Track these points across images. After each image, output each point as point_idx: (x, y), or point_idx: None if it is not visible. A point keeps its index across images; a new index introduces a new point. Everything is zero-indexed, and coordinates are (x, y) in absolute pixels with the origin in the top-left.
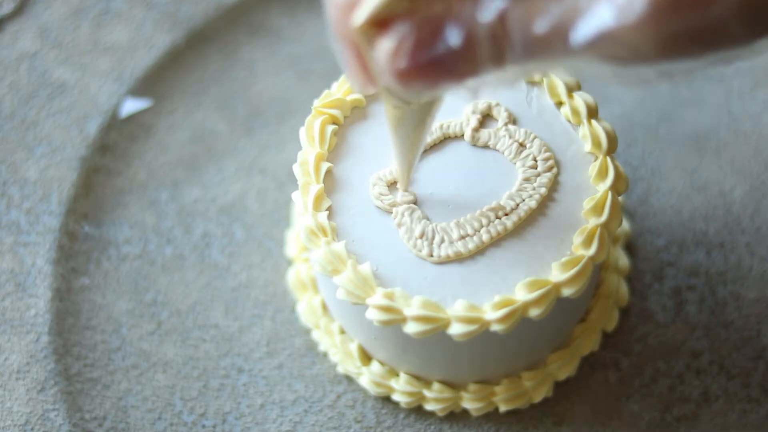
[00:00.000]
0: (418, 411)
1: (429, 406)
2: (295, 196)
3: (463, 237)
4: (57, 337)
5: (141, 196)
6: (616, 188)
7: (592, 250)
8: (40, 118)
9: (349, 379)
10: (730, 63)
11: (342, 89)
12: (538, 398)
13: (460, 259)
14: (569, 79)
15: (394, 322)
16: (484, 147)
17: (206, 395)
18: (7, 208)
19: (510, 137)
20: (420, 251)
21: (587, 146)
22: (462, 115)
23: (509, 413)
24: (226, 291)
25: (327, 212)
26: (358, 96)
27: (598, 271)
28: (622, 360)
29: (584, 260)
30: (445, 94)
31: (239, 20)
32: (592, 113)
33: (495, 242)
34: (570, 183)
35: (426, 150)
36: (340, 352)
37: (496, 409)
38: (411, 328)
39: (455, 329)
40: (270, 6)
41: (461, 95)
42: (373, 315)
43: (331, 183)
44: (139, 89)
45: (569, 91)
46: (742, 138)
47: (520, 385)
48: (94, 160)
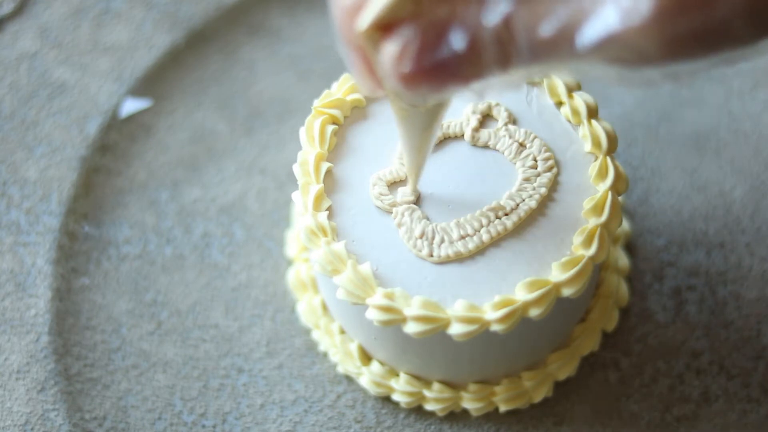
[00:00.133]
0: (418, 411)
1: (429, 406)
2: (295, 196)
3: (463, 237)
4: (57, 337)
5: (141, 196)
6: (616, 188)
7: (592, 250)
8: (40, 118)
9: (349, 379)
10: (735, 63)
11: (342, 89)
12: (538, 398)
13: (460, 259)
14: (569, 79)
15: (394, 322)
16: (484, 147)
17: (206, 395)
18: (7, 208)
19: (510, 137)
20: (420, 251)
21: (587, 146)
22: (462, 115)
23: (509, 413)
24: (226, 291)
25: (327, 212)
26: (358, 96)
27: (598, 271)
28: (622, 360)
29: (584, 260)
30: (451, 98)
31: (239, 20)
32: (592, 113)
33: (495, 242)
34: (570, 183)
35: None
36: (340, 352)
37: (496, 409)
38: (411, 328)
39: (455, 329)
40: (270, 6)
41: (467, 97)
42: (373, 315)
43: (331, 183)
44: (139, 89)
45: (569, 91)
46: (742, 138)
47: (520, 385)
48: (94, 160)
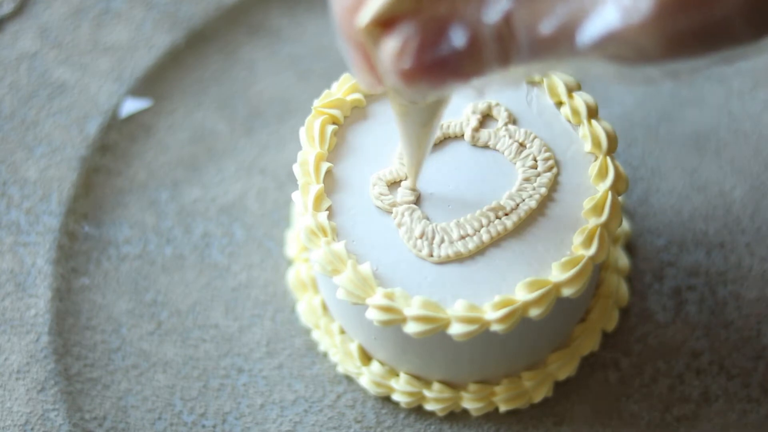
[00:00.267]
0: (418, 411)
1: (429, 406)
2: (295, 196)
3: (463, 237)
4: (57, 337)
5: (141, 196)
6: (616, 188)
7: (592, 250)
8: (40, 118)
9: (349, 379)
10: (735, 62)
11: (342, 89)
12: (538, 398)
13: (460, 259)
14: (569, 79)
15: (394, 322)
16: (484, 147)
17: (206, 395)
18: (7, 208)
19: (510, 137)
20: (420, 251)
21: (587, 146)
22: (462, 115)
23: (509, 413)
24: (226, 291)
25: (327, 212)
26: (358, 96)
27: (598, 271)
28: (622, 360)
29: (584, 260)
30: (451, 94)
31: (239, 20)
32: (592, 113)
33: (495, 242)
34: (570, 183)
35: None
36: (340, 352)
37: (496, 409)
38: (411, 328)
39: (455, 329)
40: (270, 6)
41: (467, 95)
42: (373, 315)
43: (331, 183)
44: (139, 89)
45: (569, 91)
46: (742, 138)
47: (520, 385)
48: (94, 160)
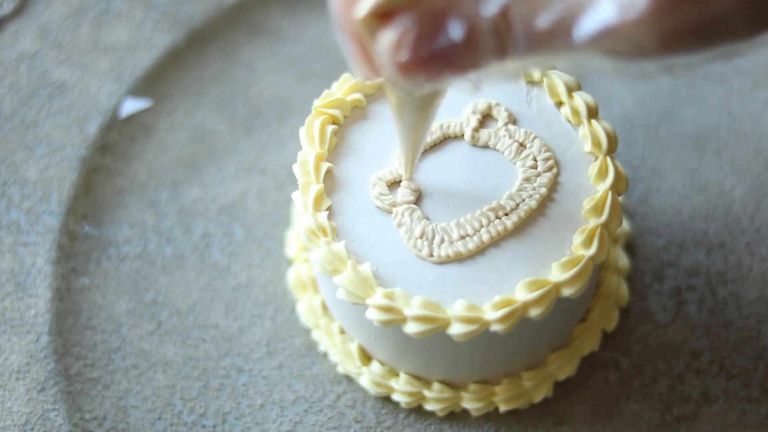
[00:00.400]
0: (418, 411)
1: (429, 406)
2: (295, 196)
3: (463, 237)
4: (57, 337)
5: (141, 196)
6: (616, 188)
7: (592, 250)
8: (40, 118)
9: (349, 379)
10: (731, 58)
11: (342, 89)
12: (538, 398)
13: (460, 259)
14: (569, 79)
15: (394, 322)
16: (484, 147)
17: (206, 395)
18: (7, 208)
19: (510, 137)
20: (420, 251)
21: (587, 146)
22: (462, 115)
23: (509, 413)
24: (226, 291)
25: (327, 212)
26: (358, 96)
27: (598, 271)
28: (622, 360)
29: (584, 260)
30: (447, 87)
31: (239, 20)
32: (592, 113)
33: (495, 242)
34: (570, 183)
35: (426, 150)
36: (340, 352)
37: (496, 409)
38: (411, 328)
39: (455, 329)
40: (270, 6)
41: (463, 88)
42: (373, 315)
43: (331, 183)
44: (139, 89)
45: (569, 91)
46: (742, 138)
47: (520, 385)
48: (94, 160)
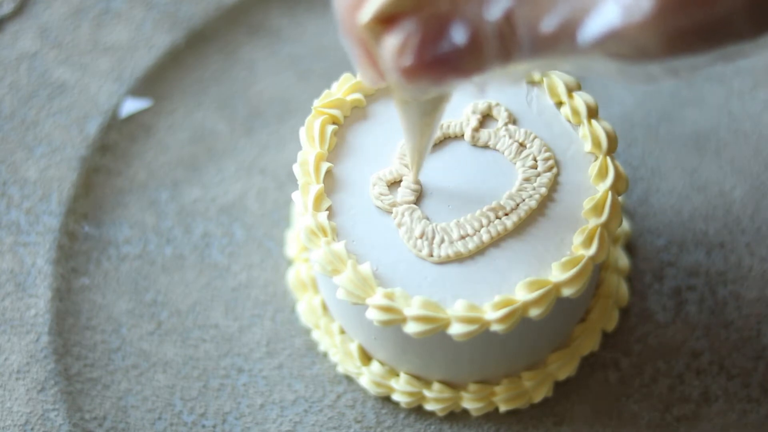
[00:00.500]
0: (418, 411)
1: (429, 406)
2: (295, 196)
3: (463, 237)
4: (57, 337)
5: (141, 196)
6: (616, 188)
7: (592, 250)
8: (40, 118)
9: (349, 379)
10: (735, 59)
11: (342, 89)
12: (538, 398)
13: (460, 259)
14: (569, 79)
15: (394, 322)
16: (484, 147)
17: (206, 395)
18: (7, 208)
19: (510, 137)
20: (420, 251)
21: (587, 146)
22: (462, 115)
23: (509, 413)
24: (226, 291)
25: (327, 212)
26: (358, 96)
27: (598, 271)
28: (622, 360)
29: (584, 260)
30: (452, 91)
31: (239, 20)
32: (592, 113)
33: (495, 242)
34: (570, 183)
35: None
36: (340, 352)
37: (496, 409)
38: (411, 328)
39: (455, 329)
40: (270, 6)
41: (467, 92)
42: (373, 315)
43: (331, 183)
44: (139, 89)
45: (569, 91)
46: (742, 138)
47: (520, 385)
48: (94, 160)
